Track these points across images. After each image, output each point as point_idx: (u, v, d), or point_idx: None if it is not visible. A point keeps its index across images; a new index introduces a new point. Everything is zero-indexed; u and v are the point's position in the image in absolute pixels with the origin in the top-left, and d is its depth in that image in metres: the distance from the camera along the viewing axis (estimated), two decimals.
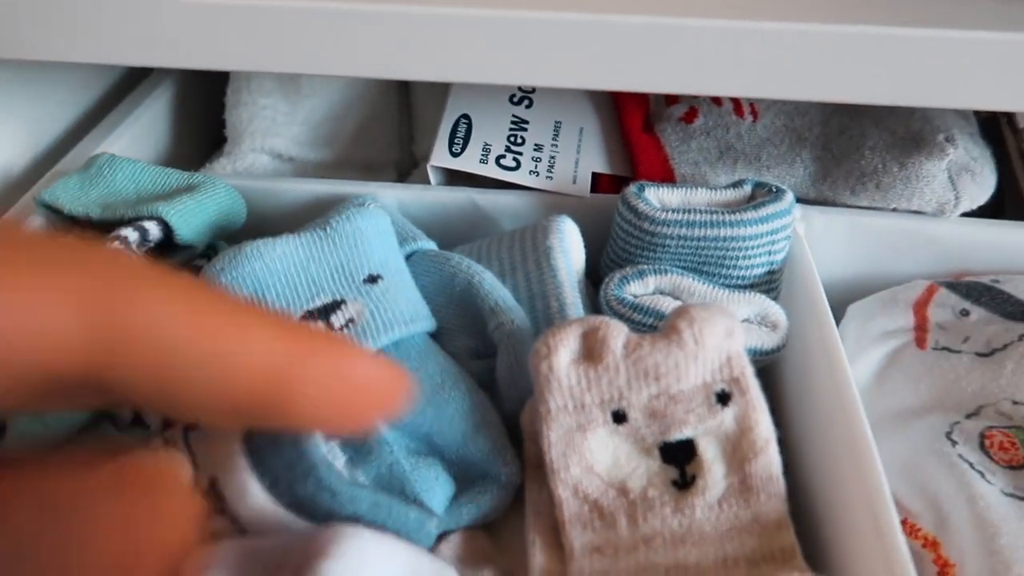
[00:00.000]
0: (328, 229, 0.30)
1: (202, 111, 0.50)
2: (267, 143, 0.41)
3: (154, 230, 0.31)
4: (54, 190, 0.33)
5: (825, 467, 0.27)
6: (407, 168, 0.45)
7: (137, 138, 0.43)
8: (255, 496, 0.22)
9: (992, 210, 0.38)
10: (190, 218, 0.32)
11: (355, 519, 0.22)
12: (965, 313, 0.34)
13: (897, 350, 0.34)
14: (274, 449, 0.22)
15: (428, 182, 0.41)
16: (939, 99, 0.29)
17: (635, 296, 0.31)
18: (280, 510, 0.22)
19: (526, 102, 0.41)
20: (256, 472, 0.22)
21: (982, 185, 0.36)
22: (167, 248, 0.32)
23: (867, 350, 0.34)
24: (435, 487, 0.27)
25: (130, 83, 0.47)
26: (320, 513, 0.22)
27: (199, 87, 0.50)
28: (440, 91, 0.44)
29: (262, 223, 0.37)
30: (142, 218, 0.30)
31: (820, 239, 0.36)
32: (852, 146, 0.37)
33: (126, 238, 0.30)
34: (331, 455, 0.24)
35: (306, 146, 0.42)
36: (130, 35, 0.32)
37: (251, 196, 0.36)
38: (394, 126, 0.45)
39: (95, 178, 0.34)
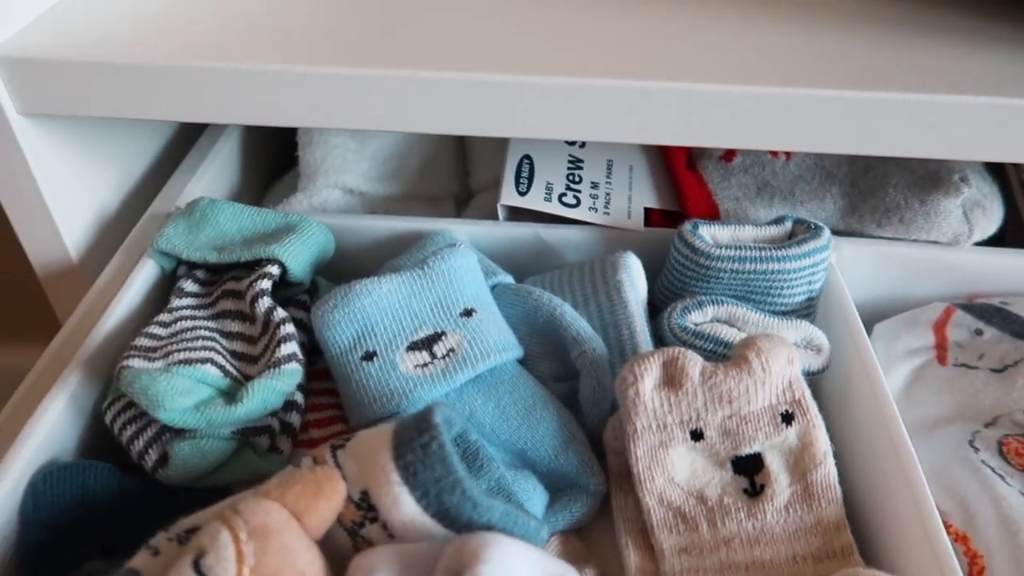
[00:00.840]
0: (426, 268, 0.34)
1: (265, 148, 0.54)
2: (339, 179, 0.45)
3: (274, 272, 0.34)
4: (167, 238, 0.36)
5: (869, 472, 0.32)
6: (464, 199, 0.48)
7: (216, 176, 0.47)
8: (407, 506, 0.25)
9: (996, 238, 0.42)
10: (299, 257, 0.35)
11: (488, 527, 0.26)
12: (979, 332, 0.39)
13: (921, 366, 0.39)
14: (424, 466, 0.25)
15: (485, 213, 0.45)
16: (948, 152, 0.34)
17: (695, 324, 0.35)
18: (427, 519, 0.25)
19: (579, 143, 0.45)
20: (408, 485, 0.25)
21: (991, 218, 0.40)
22: (278, 284, 0.35)
23: (895, 366, 0.39)
24: (534, 496, 0.31)
25: (200, 126, 0.51)
26: (460, 521, 0.26)
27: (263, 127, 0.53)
28: None
29: (344, 257, 0.41)
30: (261, 261, 0.34)
31: (849, 266, 0.40)
32: (877, 184, 0.41)
33: (264, 289, 0.33)
34: None
35: (374, 181, 0.46)
36: (207, 98, 0.35)
37: (337, 232, 0.40)
38: (452, 162, 0.48)
39: (200, 222, 0.37)
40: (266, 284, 0.33)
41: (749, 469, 0.30)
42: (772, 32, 0.36)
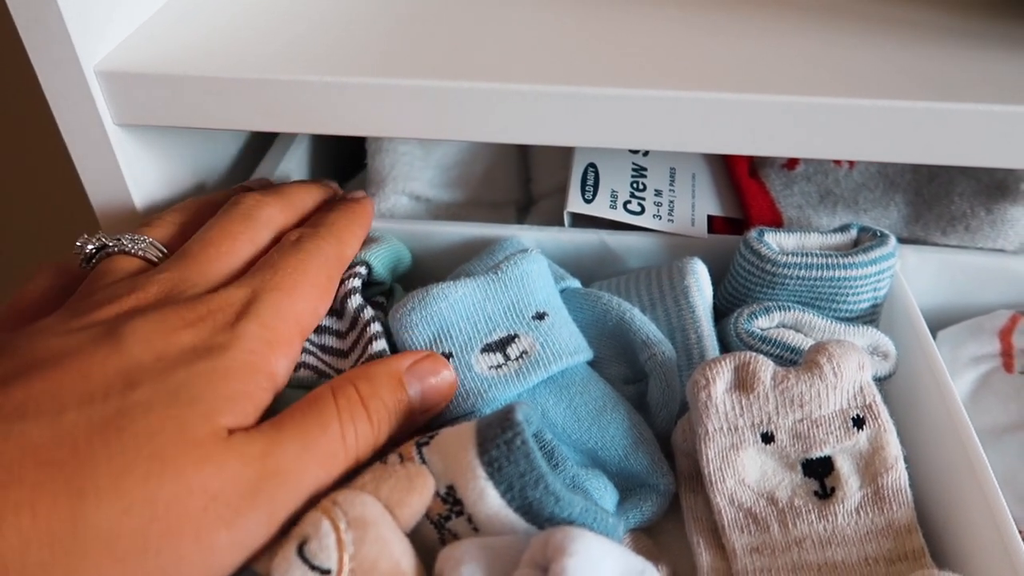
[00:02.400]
0: (500, 273, 0.35)
1: (332, 152, 0.56)
2: (407, 186, 0.46)
3: (363, 271, 0.36)
4: None
5: (940, 477, 0.32)
6: (525, 205, 0.50)
7: (290, 176, 0.48)
8: (491, 499, 0.27)
9: None
10: (383, 260, 0.38)
11: (569, 521, 0.27)
12: None
13: (987, 374, 0.39)
14: (508, 460, 0.27)
15: (547, 219, 0.46)
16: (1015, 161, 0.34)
17: (762, 329, 0.36)
18: (511, 513, 0.27)
19: (643, 151, 0.46)
20: (493, 480, 0.27)
21: None
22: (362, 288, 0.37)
23: (960, 373, 0.39)
24: (605, 495, 0.32)
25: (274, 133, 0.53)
26: (543, 516, 0.27)
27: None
28: None
29: (416, 262, 0.42)
30: (354, 263, 0.36)
31: (913, 273, 0.40)
32: (942, 192, 0.41)
33: (355, 288, 0.35)
34: None
35: (439, 188, 0.47)
36: (287, 110, 0.37)
37: (409, 237, 0.41)
38: (514, 169, 0.50)
39: None
40: (357, 283, 0.35)
41: (819, 472, 0.31)
42: (834, 42, 0.37)
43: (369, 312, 0.34)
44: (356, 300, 0.35)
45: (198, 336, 0.28)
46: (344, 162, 0.57)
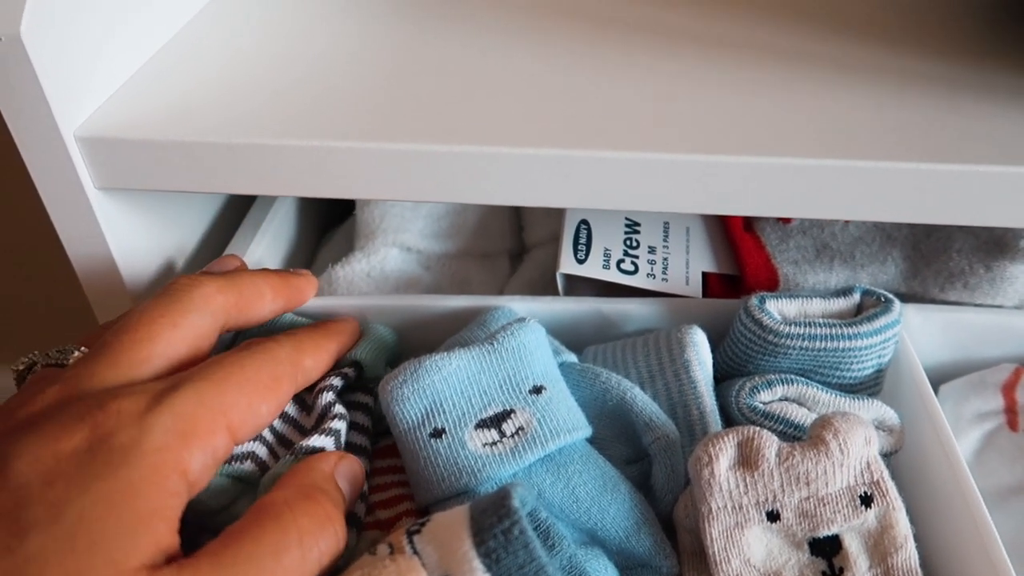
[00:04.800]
0: (496, 344, 0.34)
1: (316, 206, 0.55)
2: (397, 238, 0.45)
3: (351, 373, 0.35)
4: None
5: (947, 546, 0.31)
6: (517, 254, 0.49)
7: (274, 238, 0.47)
8: None
9: None
10: (374, 355, 0.37)
11: None
12: None
13: (991, 432, 0.38)
14: (507, 551, 0.25)
15: (539, 267, 0.46)
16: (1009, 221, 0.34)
17: (764, 403, 0.35)
18: None
19: None
20: (491, 573, 0.25)
21: None
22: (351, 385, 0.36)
23: (965, 432, 0.38)
24: None
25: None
26: None
27: None
28: None
29: (406, 336, 0.40)
30: (342, 364, 0.35)
31: (915, 333, 0.40)
32: (940, 247, 0.41)
33: (333, 385, 0.34)
34: None
35: (430, 238, 0.46)
36: (263, 173, 0.36)
37: (394, 312, 0.40)
38: (506, 218, 0.49)
39: (273, 324, 0.37)
40: (337, 381, 0.34)
41: (827, 551, 0.30)
42: (824, 97, 0.36)
43: (338, 409, 0.33)
44: (327, 397, 0.33)
45: (95, 436, 0.24)
46: (329, 217, 0.56)
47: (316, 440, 0.32)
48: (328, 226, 0.56)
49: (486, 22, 0.44)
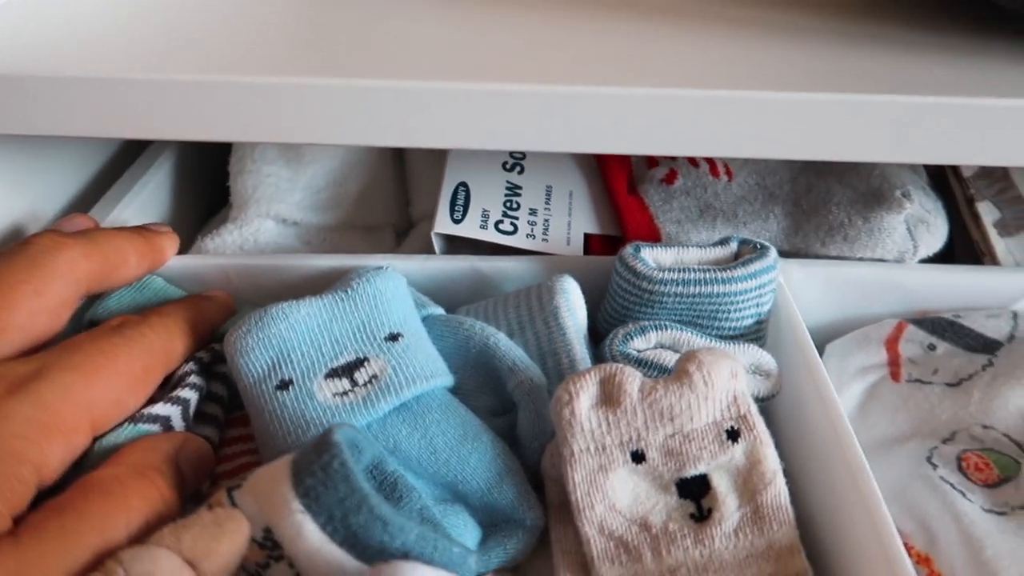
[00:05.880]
0: (349, 291, 0.32)
1: (201, 176, 0.52)
2: (272, 209, 0.43)
3: (205, 355, 0.33)
4: (107, 305, 0.34)
5: (826, 495, 0.30)
6: (404, 228, 0.47)
7: (143, 207, 0.44)
8: (311, 534, 0.23)
9: (944, 254, 0.41)
10: None
11: (404, 552, 0.23)
12: (932, 347, 0.37)
13: (875, 384, 0.37)
14: (325, 488, 0.23)
15: (426, 242, 0.43)
16: (889, 156, 0.33)
17: (638, 351, 0.33)
18: (335, 548, 0.23)
19: (518, 168, 0.43)
20: (311, 512, 0.23)
21: (936, 234, 0.40)
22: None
23: (848, 385, 0.37)
24: (464, 533, 0.29)
25: (131, 153, 0.49)
26: (372, 547, 0.23)
27: (199, 154, 0.51)
28: (434, 156, 0.47)
29: (272, 299, 0.38)
30: (213, 340, 0.34)
31: (798, 289, 0.39)
32: (819, 202, 0.40)
33: (199, 357, 0.32)
34: None
35: (309, 211, 0.44)
36: (133, 111, 0.33)
37: (261, 273, 0.38)
38: (391, 190, 0.47)
39: (149, 296, 0.35)
40: (205, 355, 0.33)
41: (695, 492, 0.28)
42: (704, 39, 0.36)
43: (193, 379, 0.31)
44: (188, 366, 0.32)
45: None
46: (215, 192, 0.53)
47: (160, 408, 0.30)
48: (215, 210, 0.53)
49: None
